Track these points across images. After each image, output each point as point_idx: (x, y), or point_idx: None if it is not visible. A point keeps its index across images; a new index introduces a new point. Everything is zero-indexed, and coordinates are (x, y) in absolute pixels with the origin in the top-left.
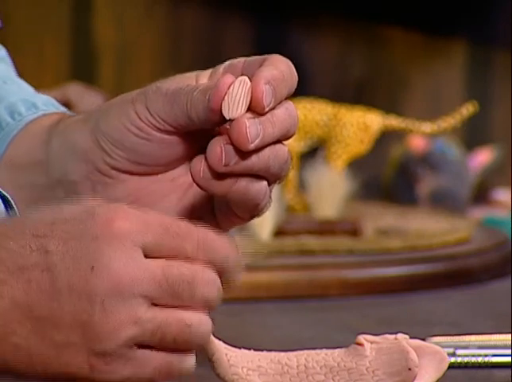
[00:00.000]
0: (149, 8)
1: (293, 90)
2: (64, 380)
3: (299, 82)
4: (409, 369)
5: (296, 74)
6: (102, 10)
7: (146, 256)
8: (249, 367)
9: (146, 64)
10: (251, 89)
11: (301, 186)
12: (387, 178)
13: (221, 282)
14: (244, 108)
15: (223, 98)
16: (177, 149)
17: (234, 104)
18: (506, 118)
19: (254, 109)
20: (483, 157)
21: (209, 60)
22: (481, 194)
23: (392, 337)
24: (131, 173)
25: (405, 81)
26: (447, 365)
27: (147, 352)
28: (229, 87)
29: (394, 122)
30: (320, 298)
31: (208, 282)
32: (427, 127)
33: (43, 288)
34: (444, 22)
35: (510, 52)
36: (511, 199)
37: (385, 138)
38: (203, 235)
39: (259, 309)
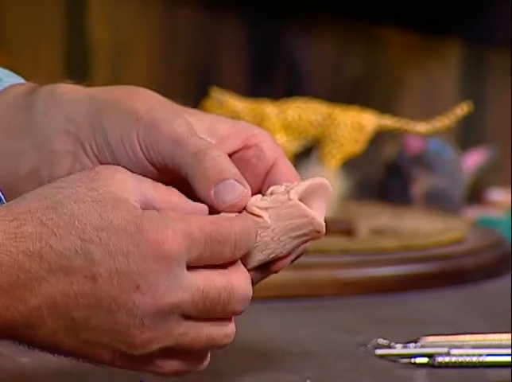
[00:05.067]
0: (143, 7)
1: None
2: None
3: (295, 82)
4: (318, 232)
5: None
6: (96, 10)
7: (188, 267)
8: None
9: (141, 64)
10: None
11: None
12: (381, 178)
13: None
14: None
15: None
16: (161, 176)
17: None
18: (500, 118)
19: None
20: (478, 157)
21: (204, 59)
22: (475, 194)
23: (284, 196)
24: None
25: (400, 81)
26: (331, 190)
27: (169, 360)
28: None
29: (389, 121)
30: (314, 297)
31: (242, 300)
32: (421, 127)
33: (83, 293)
34: (438, 22)
35: (504, 51)
36: (511, 199)
37: (380, 137)
38: (239, 234)
39: (253, 309)
